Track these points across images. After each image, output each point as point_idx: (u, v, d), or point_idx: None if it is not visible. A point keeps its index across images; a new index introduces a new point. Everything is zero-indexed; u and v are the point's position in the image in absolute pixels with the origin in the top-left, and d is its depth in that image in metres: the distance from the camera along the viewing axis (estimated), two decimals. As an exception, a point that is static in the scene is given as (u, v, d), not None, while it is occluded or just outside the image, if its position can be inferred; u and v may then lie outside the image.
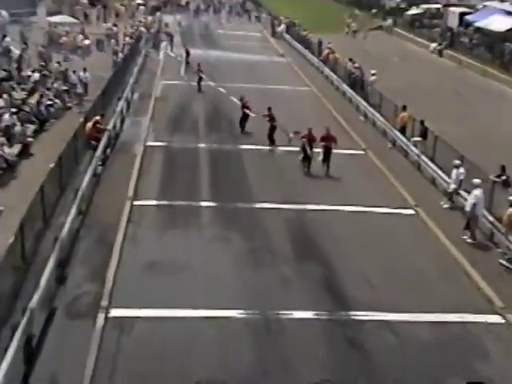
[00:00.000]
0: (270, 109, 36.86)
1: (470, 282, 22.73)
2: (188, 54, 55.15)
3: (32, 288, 18.73)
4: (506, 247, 24.28)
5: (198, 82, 48.32)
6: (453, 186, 28.71)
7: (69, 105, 41.60)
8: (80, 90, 43.63)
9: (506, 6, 70.51)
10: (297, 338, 18.92)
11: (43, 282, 18.90)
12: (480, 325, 20.21)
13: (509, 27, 64.27)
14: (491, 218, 25.80)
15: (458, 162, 28.68)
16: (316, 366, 17.70)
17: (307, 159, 31.58)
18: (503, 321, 20.47)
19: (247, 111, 37.57)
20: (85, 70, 45.33)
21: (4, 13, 63.18)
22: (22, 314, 17.13)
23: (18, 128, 33.39)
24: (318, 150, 31.76)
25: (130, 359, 17.52)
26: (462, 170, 28.36)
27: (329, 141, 30.54)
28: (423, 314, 20.32)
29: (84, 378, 16.46)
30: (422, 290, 21.74)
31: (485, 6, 75.10)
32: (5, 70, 44.11)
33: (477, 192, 25.61)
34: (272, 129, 36.20)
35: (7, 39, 54.40)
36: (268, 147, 35.64)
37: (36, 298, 17.97)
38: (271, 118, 36.27)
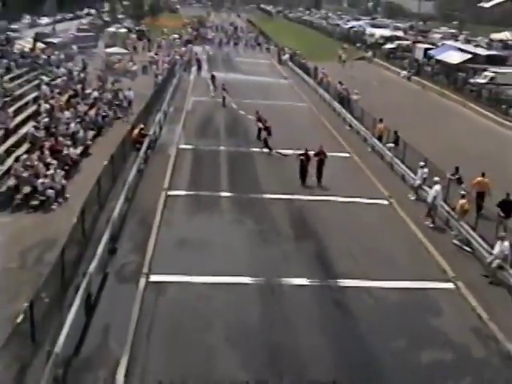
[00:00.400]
0: (257, 112, 36.71)
1: (430, 257, 22.72)
2: (213, 77, 54.95)
3: (90, 257, 18.91)
4: (458, 230, 24.29)
5: (223, 99, 48.09)
6: (418, 182, 28.75)
7: (119, 116, 41.67)
8: (125, 104, 43.65)
9: (459, 45, 75.14)
10: (295, 300, 18.99)
11: (99, 252, 19.06)
12: (436, 290, 20.26)
13: (460, 60, 65.41)
14: (447, 208, 25.80)
15: (422, 163, 28.71)
16: (310, 321, 17.78)
17: (304, 176, 29.63)
18: (454, 287, 20.51)
19: (260, 124, 36.92)
20: (129, 89, 45.33)
21: (74, 46, 67.26)
22: (83, 277, 17.31)
23: (81, 134, 33.53)
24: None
25: (165, 312, 17.69)
26: (425, 169, 28.40)
27: (321, 155, 29.68)
28: (393, 281, 20.36)
29: (129, 327, 16.63)
30: (392, 263, 21.74)
31: (443, 44, 78.34)
32: (73, 90, 44.38)
33: (437, 187, 25.67)
34: (260, 130, 35.97)
35: (70, 64, 56.22)
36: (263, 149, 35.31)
37: (93, 265, 18.15)
38: (259, 120, 35.97)
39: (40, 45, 61.04)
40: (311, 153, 29.78)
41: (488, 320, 18.30)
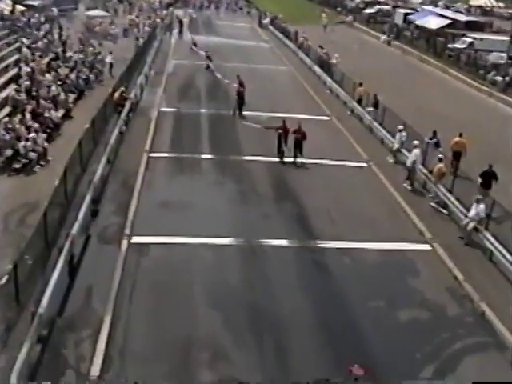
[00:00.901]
0: (238, 76, 36.37)
1: (408, 219, 22.88)
2: (195, 44, 54.42)
3: (73, 219, 18.82)
4: (435, 193, 24.45)
5: (207, 66, 47.22)
6: (396, 146, 28.82)
7: (100, 79, 41.25)
8: (103, 68, 43.18)
9: (438, 10, 74.82)
10: (275, 261, 19.07)
11: (81, 214, 18.97)
12: (414, 251, 20.44)
13: (440, 25, 65.04)
14: (425, 171, 25.92)
15: (400, 127, 28.76)
16: (290, 282, 17.90)
17: (281, 152, 27.91)
18: (430, 248, 20.71)
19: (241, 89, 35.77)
20: (110, 53, 44.75)
21: (54, 9, 66.12)
22: (65, 239, 17.27)
23: (62, 97, 33.18)
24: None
25: (147, 273, 17.71)
26: (403, 133, 28.47)
27: (299, 134, 27.79)
28: (372, 243, 20.47)
29: (112, 287, 16.66)
30: (371, 225, 21.86)
31: (423, 9, 77.72)
32: (54, 52, 43.81)
33: (416, 151, 25.75)
34: (239, 94, 35.32)
35: (46, 25, 55.54)
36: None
37: (76, 226, 18.07)
38: (240, 84, 35.67)
39: (19, 7, 60.05)
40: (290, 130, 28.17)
41: (463, 281, 18.52)
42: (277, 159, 27.71)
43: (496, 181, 23.69)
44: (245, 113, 34.42)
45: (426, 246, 20.83)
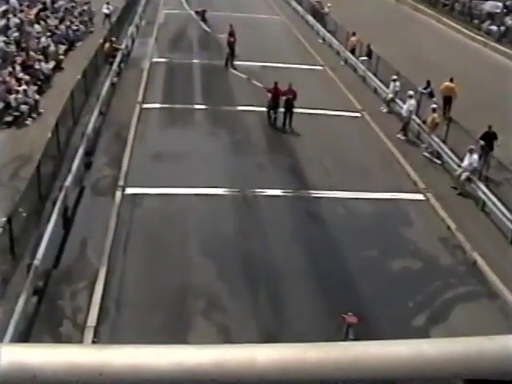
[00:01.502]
0: (231, 25, 35.92)
1: (401, 169, 22.94)
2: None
3: (66, 172, 18.80)
4: (429, 143, 24.47)
5: (202, 19, 46.52)
6: (390, 95, 28.74)
7: (91, 29, 40.72)
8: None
9: None
10: (269, 211, 19.16)
11: (74, 167, 18.92)
12: (407, 201, 20.55)
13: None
14: (418, 121, 25.89)
15: (394, 76, 28.65)
16: (284, 231, 18.00)
17: (273, 118, 26.19)
18: (424, 198, 20.81)
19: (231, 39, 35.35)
20: (107, 3, 44.06)
21: None
22: (59, 191, 17.25)
23: (52, 48, 32.80)
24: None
25: (141, 224, 17.79)
26: (397, 83, 28.39)
27: (290, 94, 25.92)
28: (366, 192, 20.56)
29: (107, 237, 16.74)
30: (365, 175, 21.91)
31: None
32: (42, 3, 43.08)
33: (412, 101, 25.74)
34: (230, 44, 34.84)
35: None
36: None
37: (69, 179, 18.04)
38: (231, 34, 35.24)
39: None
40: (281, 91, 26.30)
41: (456, 230, 18.67)
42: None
43: (496, 140, 23.29)
44: (237, 63, 34.10)
45: (420, 196, 20.93)
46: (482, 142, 22.43)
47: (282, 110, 25.84)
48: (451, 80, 27.74)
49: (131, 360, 1.72)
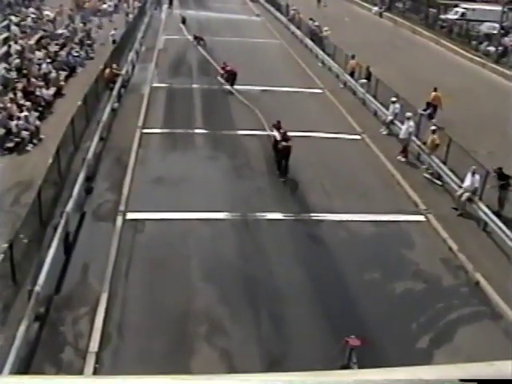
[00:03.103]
0: (225, 63, 35.62)
1: (402, 190, 22.93)
2: (184, 22, 54.16)
3: (67, 197, 18.80)
4: (429, 164, 24.50)
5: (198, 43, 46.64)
6: (390, 118, 28.81)
7: (91, 55, 40.98)
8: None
9: None
10: (270, 234, 19.13)
11: (75, 192, 18.94)
12: (408, 222, 20.53)
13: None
14: (418, 142, 25.93)
15: (394, 98, 28.74)
16: (285, 255, 17.95)
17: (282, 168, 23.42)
18: (425, 219, 20.78)
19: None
20: (115, 29, 44.44)
21: None
22: (60, 217, 17.25)
23: (53, 74, 33.01)
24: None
25: (143, 249, 17.74)
26: (397, 105, 28.48)
27: (287, 141, 23.33)
28: (366, 214, 20.56)
29: (108, 263, 16.70)
30: (365, 197, 21.92)
31: None
32: (43, 30, 43.49)
33: (411, 123, 25.82)
34: (228, 76, 34.59)
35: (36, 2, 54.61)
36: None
37: (70, 204, 18.04)
38: (225, 69, 34.96)
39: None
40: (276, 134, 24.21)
41: (458, 251, 18.62)
42: (270, 132, 26.43)
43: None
44: (237, 87, 34.16)
45: (421, 217, 20.90)
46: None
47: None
48: (435, 90, 29.86)
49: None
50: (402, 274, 17.45)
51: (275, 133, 24.14)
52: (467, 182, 21.18)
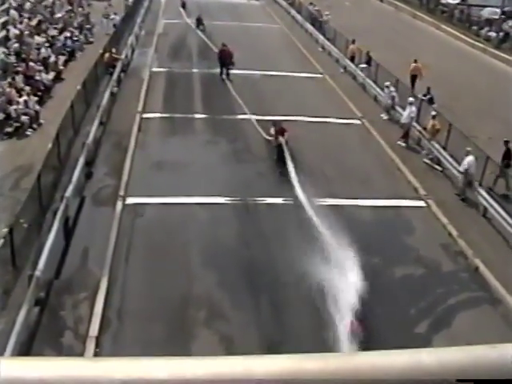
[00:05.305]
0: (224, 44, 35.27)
1: (402, 176, 22.92)
2: (184, 6, 53.90)
3: (67, 182, 18.80)
4: (429, 149, 24.46)
5: (197, 26, 46.53)
6: (390, 102, 28.76)
7: (90, 40, 40.84)
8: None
9: None
10: (269, 218, 19.14)
11: (75, 177, 18.93)
12: (408, 208, 20.53)
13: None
14: (419, 128, 25.89)
15: (387, 83, 29.03)
16: (285, 239, 17.94)
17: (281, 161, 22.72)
18: (425, 204, 20.78)
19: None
20: (115, 13, 44.25)
21: None
22: (60, 201, 17.25)
23: (52, 59, 32.90)
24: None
25: (142, 234, 17.77)
26: (392, 88, 28.65)
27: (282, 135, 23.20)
28: (367, 200, 20.55)
29: (108, 247, 16.72)
30: (366, 182, 21.90)
31: None
32: (42, 15, 43.25)
33: (413, 108, 25.80)
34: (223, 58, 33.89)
35: None
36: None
37: (70, 189, 18.04)
38: (223, 52, 34.24)
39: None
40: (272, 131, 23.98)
41: (457, 237, 18.62)
42: (268, 117, 26.23)
43: None
44: (237, 71, 33.93)
45: (421, 203, 20.89)
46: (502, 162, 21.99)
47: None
48: (415, 61, 31.71)
49: (129, 372, 1.70)
50: (402, 259, 17.46)
51: (271, 131, 23.88)
52: (465, 165, 21.11)
